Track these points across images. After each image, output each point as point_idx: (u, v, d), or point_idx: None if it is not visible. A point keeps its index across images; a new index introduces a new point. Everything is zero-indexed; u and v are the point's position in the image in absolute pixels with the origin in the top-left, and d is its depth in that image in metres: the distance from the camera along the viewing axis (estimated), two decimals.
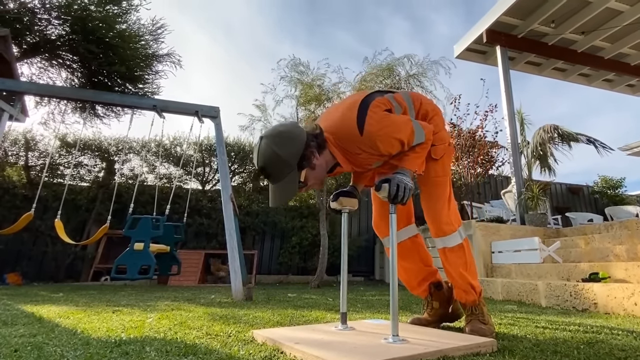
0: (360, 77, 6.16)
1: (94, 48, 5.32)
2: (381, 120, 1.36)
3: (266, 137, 1.30)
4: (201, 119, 4.69)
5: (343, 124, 1.37)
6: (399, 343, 1.20)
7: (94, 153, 7.11)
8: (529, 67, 7.48)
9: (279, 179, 1.29)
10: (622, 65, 7.29)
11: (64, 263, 6.17)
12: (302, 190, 1.38)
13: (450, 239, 1.59)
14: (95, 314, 2.16)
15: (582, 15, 5.92)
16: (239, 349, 1.25)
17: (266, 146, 1.27)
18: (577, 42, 6.70)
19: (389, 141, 1.37)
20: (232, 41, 20.46)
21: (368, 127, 1.33)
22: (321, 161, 1.36)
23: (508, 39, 6.41)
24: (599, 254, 3.48)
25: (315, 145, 1.32)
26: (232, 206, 3.86)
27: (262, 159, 1.28)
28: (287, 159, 1.26)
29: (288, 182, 1.29)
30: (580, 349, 1.28)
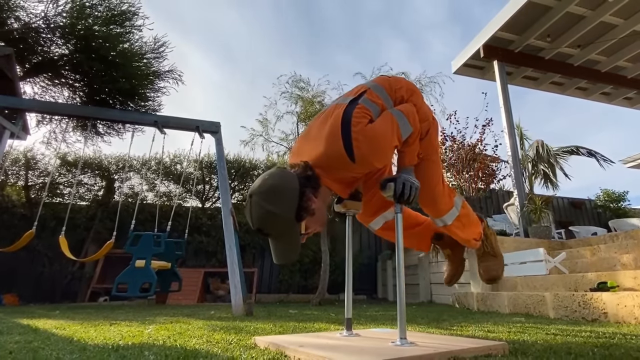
0: None
1: (97, 65, 5.41)
2: (369, 138, 1.23)
3: (257, 194, 1.15)
4: (202, 134, 4.72)
5: (332, 157, 1.23)
6: (407, 346, 1.15)
7: (94, 172, 7.12)
8: (526, 82, 7.58)
9: (279, 237, 1.18)
10: (619, 78, 7.38)
11: (61, 283, 6.06)
12: (305, 239, 1.27)
13: (448, 216, 1.54)
14: (92, 327, 2.10)
15: (578, 29, 6.05)
16: (241, 353, 1.20)
17: (259, 205, 1.13)
18: (574, 56, 6.81)
19: (384, 154, 1.29)
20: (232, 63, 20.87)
21: (358, 151, 1.20)
22: (319, 203, 1.24)
23: (505, 53, 6.52)
24: (605, 263, 3.40)
25: (310, 189, 1.19)
26: (232, 221, 3.82)
27: (258, 220, 1.14)
28: (284, 215, 1.13)
29: (290, 238, 1.18)
30: (594, 351, 1.23)
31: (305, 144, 1.35)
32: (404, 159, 1.42)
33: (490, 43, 6.42)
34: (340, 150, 1.21)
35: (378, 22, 20.20)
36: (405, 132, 1.33)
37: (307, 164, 1.23)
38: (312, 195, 1.19)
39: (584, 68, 7.11)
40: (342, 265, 7.09)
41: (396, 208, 1.35)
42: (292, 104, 6.37)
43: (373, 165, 1.28)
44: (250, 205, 1.16)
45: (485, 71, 7.23)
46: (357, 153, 1.20)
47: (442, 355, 1.03)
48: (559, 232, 6.21)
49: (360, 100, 1.34)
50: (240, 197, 8.05)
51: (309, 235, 1.28)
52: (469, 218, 1.61)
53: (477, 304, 3.61)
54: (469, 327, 2.08)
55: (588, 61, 6.96)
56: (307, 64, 19.50)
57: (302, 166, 1.22)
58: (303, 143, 1.38)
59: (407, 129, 1.33)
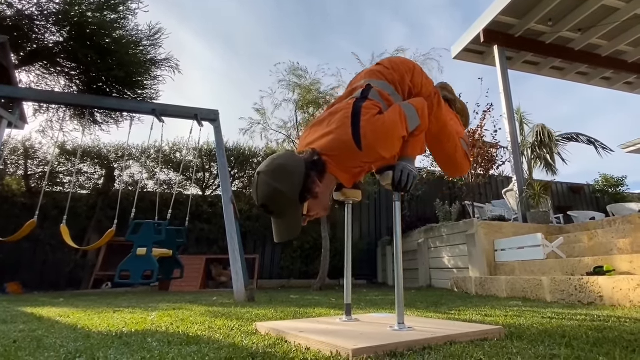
0: None
1: (92, 53, 5.35)
2: (376, 128, 1.27)
3: (264, 172, 1.20)
4: (201, 122, 4.70)
5: (340, 144, 1.28)
6: (406, 330, 1.17)
7: (94, 160, 7.11)
8: (527, 67, 7.50)
9: (282, 215, 1.22)
10: (620, 62, 7.31)
11: (64, 271, 6.13)
12: (306, 222, 1.29)
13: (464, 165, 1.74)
14: (96, 314, 2.13)
15: (579, 12, 5.95)
16: (242, 339, 1.22)
17: (265, 183, 1.19)
18: (574, 40, 6.72)
19: (391, 143, 1.31)
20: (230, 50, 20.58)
21: (365, 140, 1.24)
22: (323, 188, 1.28)
23: (505, 38, 6.43)
24: (602, 248, 3.44)
25: (315, 173, 1.23)
26: (232, 208, 3.84)
27: (263, 196, 1.19)
28: (288, 194, 1.17)
29: (292, 217, 1.21)
30: (588, 334, 1.25)
31: (314, 133, 1.38)
32: (407, 149, 1.43)
33: (490, 27, 6.33)
34: (348, 139, 1.24)
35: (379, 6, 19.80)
36: (413, 124, 1.37)
37: (314, 150, 1.26)
38: (317, 179, 1.23)
39: (585, 52, 7.03)
40: (342, 251, 7.15)
41: (394, 197, 1.35)
42: (289, 92, 6.32)
43: (379, 154, 1.28)
44: (257, 182, 1.20)
45: (486, 56, 7.15)
46: (364, 142, 1.23)
47: (439, 340, 1.05)
48: (558, 217, 6.25)
49: (370, 95, 1.39)
50: (240, 185, 8.06)
51: (310, 219, 1.30)
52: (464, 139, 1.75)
53: (476, 288, 3.66)
54: (466, 311, 2.12)
55: (589, 45, 6.87)
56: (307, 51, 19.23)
57: (310, 152, 1.26)
58: (312, 132, 1.40)
59: (415, 121, 1.37)
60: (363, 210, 7.99)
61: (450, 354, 0.93)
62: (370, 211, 8.16)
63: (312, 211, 1.27)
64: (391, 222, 7.99)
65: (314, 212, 1.28)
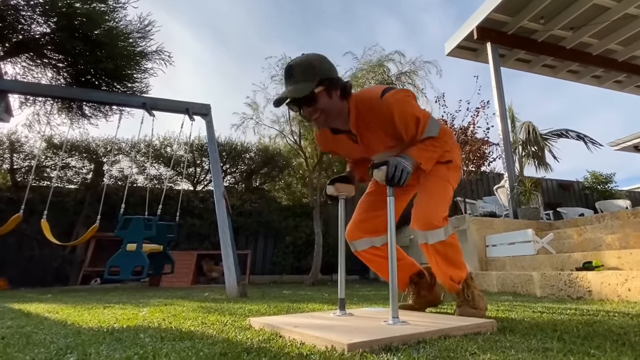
0: (351, 74, 6.15)
1: (80, 45, 5.22)
2: (402, 97, 1.42)
3: (307, 53, 1.40)
4: (192, 116, 4.64)
5: (369, 91, 1.47)
6: (400, 324, 1.17)
7: (82, 154, 6.98)
8: (519, 64, 7.55)
9: (298, 80, 1.33)
10: (610, 61, 7.39)
11: (51, 267, 6.02)
12: (306, 111, 1.38)
13: (433, 234, 1.48)
14: (86, 310, 2.10)
15: (571, 11, 5.99)
16: (236, 334, 1.21)
17: (304, 55, 1.38)
18: (566, 39, 6.78)
19: (405, 112, 1.41)
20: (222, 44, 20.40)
21: (388, 95, 1.39)
22: (337, 101, 1.40)
23: (498, 35, 6.45)
24: (591, 244, 3.49)
25: (342, 85, 1.40)
26: (224, 203, 3.80)
27: (295, 60, 1.37)
28: (314, 67, 1.35)
29: (304, 85, 1.33)
30: (579, 328, 1.27)
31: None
32: (411, 150, 1.43)
33: (483, 25, 6.34)
34: (377, 89, 1.44)
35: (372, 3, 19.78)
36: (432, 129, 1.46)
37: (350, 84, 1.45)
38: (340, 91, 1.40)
39: (576, 51, 7.10)
40: (334, 246, 7.16)
41: (388, 191, 1.35)
42: (282, 87, 6.26)
43: (391, 113, 1.39)
44: (294, 59, 1.38)
45: (479, 53, 7.17)
46: (387, 95, 1.39)
47: (433, 334, 1.05)
48: (547, 213, 6.32)
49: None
50: (232, 180, 8.00)
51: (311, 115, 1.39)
52: (454, 253, 1.55)
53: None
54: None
55: (580, 44, 6.94)
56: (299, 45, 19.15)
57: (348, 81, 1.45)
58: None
59: (434, 128, 1.47)
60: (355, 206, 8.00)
61: (445, 347, 0.93)
62: None
63: (319, 102, 1.36)
64: None
65: (320, 104, 1.37)
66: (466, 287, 1.59)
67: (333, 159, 6.93)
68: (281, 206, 7.57)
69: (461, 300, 1.58)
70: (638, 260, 2.69)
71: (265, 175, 8.00)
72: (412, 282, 1.77)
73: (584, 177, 10.06)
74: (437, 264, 1.56)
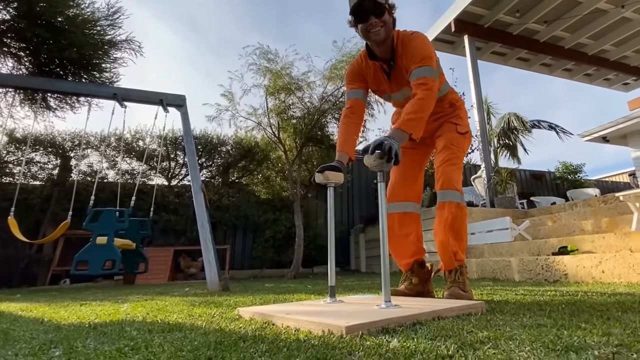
0: (330, 65, 6.09)
1: (42, 33, 4.89)
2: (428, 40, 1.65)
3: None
4: (166, 108, 4.46)
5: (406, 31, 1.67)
6: (393, 308, 1.16)
7: (47, 149, 6.60)
8: (494, 57, 7.71)
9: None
10: (580, 54, 7.67)
11: (18, 267, 5.69)
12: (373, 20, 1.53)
13: (450, 193, 1.65)
14: (61, 307, 1.97)
15: (544, 5, 6.15)
16: (227, 324, 1.15)
17: None
18: (540, 32, 6.96)
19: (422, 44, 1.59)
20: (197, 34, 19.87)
21: (418, 33, 1.64)
22: (392, 25, 1.61)
23: (475, 28, 6.55)
24: (565, 229, 3.60)
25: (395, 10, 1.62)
26: (203, 197, 3.68)
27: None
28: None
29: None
30: (563, 307, 1.29)
31: None
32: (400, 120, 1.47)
33: (461, 17, 6.42)
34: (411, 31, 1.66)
35: None
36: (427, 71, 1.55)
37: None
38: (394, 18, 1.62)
39: (549, 44, 7.31)
40: (315, 239, 7.13)
41: (379, 177, 1.35)
42: (260, 76, 6.12)
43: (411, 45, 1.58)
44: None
45: (456, 46, 7.27)
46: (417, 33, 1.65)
47: (427, 315, 1.05)
48: (522, 202, 6.51)
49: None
50: (208, 174, 7.80)
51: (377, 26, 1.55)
52: (462, 228, 1.66)
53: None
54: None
55: (553, 37, 7.15)
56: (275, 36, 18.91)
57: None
58: None
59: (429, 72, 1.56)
60: (335, 199, 7.99)
61: (441, 327, 0.91)
62: (342, 199, 8.18)
63: (385, 16, 1.55)
64: (364, 211, 8.07)
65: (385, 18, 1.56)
66: (459, 272, 1.63)
67: (312, 151, 6.87)
68: (260, 200, 7.46)
69: (452, 282, 1.62)
70: (610, 243, 2.79)
71: (243, 169, 7.84)
72: (412, 268, 1.81)
73: (555, 168, 10.45)
74: (443, 230, 1.63)
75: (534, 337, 0.78)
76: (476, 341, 0.76)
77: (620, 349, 0.67)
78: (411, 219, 1.82)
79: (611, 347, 0.68)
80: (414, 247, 1.81)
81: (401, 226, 1.80)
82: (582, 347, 0.69)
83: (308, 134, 6.16)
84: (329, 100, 6.16)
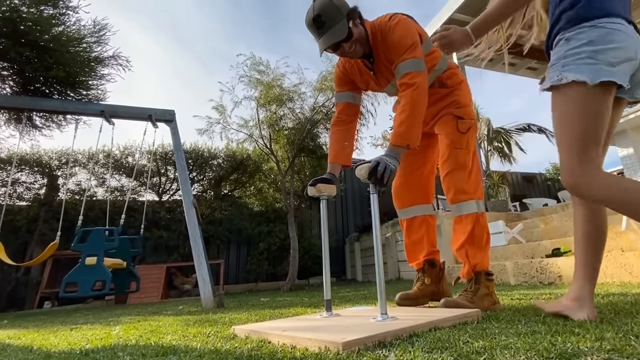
0: (321, 77, 6.14)
1: (27, 51, 4.85)
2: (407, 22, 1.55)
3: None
4: (155, 123, 4.44)
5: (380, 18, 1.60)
6: (389, 320, 1.15)
7: (33, 168, 6.49)
8: (482, 63, 7.81)
9: (330, 25, 1.44)
10: None
11: (4, 290, 5.54)
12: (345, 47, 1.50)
13: (463, 206, 1.55)
14: (51, 333, 1.90)
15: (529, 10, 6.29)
16: (222, 344, 1.12)
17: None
18: (525, 37, 7.09)
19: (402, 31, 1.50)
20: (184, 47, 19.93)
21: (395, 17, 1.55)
22: (361, 28, 1.53)
23: None
24: (558, 231, 3.63)
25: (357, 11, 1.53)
26: (195, 212, 3.63)
27: (318, 7, 1.44)
28: (339, 6, 1.45)
29: (339, 26, 1.45)
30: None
31: None
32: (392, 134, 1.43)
33: (448, 24, 6.52)
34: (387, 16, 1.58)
35: None
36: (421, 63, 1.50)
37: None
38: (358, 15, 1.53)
39: (535, 49, 7.42)
40: (310, 250, 7.08)
41: (372, 189, 1.33)
42: (251, 88, 6.14)
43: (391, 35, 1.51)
44: (313, 3, 1.46)
45: None
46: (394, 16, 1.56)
47: (424, 327, 1.04)
48: (515, 205, 6.57)
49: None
50: (200, 188, 7.73)
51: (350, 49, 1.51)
52: (481, 234, 1.55)
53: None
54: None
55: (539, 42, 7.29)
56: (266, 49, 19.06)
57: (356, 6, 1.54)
58: None
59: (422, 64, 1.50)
60: (330, 208, 7.97)
61: (437, 338, 0.90)
62: (337, 208, 8.16)
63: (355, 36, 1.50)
64: (358, 219, 8.06)
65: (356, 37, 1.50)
66: (475, 280, 1.55)
67: (305, 162, 6.86)
68: (253, 212, 7.40)
69: (464, 290, 1.57)
70: None
71: (235, 182, 7.80)
72: (424, 268, 1.76)
73: (546, 169, 10.61)
74: (460, 240, 1.56)
75: (529, 345, 0.78)
76: (472, 352, 0.76)
77: (612, 354, 0.67)
78: (420, 223, 1.76)
79: (604, 352, 0.68)
80: (424, 248, 1.77)
81: (409, 233, 1.78)
82: (575, 353, 0.69)
83: (300, 144, 6.17)
84: (321, 111, 6.19)
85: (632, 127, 7.37)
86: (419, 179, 1.79)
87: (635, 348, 0.70)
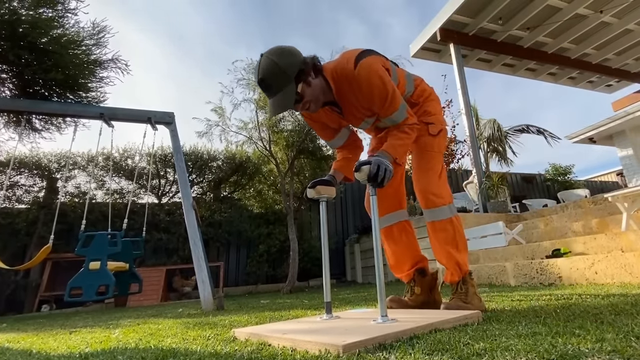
0: None
1: (26, 54, 4.86)
2: (377, 67, 1.42)
3: (268, 52, 1.36)
4: (155, 125, 4.44)
5: (342, 59, 1.45)
6: (390, 322, 1.14)
7: (32, 171, 6.49)
8: (480, 64, 7.86)
9: (277, 89, 1.33)
10: (564, 59, 7.87)
11: (3, 294, 5.52)
12: (298, 107, 1.42)
13: (438, 211, 1.56)
14: (50, 336, 1.90)
15: (526, 12, 6.33)
16: (222, 347, 1.12)
17: (266, 59, 1.33)
18: (523, 38, 7.14)
19: (377, 82, 1.40)
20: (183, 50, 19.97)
21: (362, 64, 1.39)
22: (317, 82, 1.41)
23: (460, 36, 6.69)
24: (558, 232, 3.63)
25: (311, 65, 1.39)
26: (194, 214, 3.63)
27: (262, 70, 1.33)
28: (285, 69, 1.31)
29: (286, 92, 1.33)
30: (557, 312, 1.29)
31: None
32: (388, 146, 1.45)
33: (446, 26, 6.55)
34: (351, 57, 1.42)
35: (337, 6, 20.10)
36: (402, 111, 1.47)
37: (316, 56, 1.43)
38: (312, 70, 1.39)
39: (533, 50, 7.49)
40: (309, 252, 7.07)
41: (371, 190, 1.35)
42: (250, 91, 6.14)
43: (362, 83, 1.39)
44: (260, 61, 1.35)
45: (442, 54, 7.40)
46: (360, 64, 1.39)
47: (424, 329, 1.03)
48: (514, 205, 6.57)
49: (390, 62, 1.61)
50: (199, 190, 7.73)
51: (303, 107, 1.42)
52: (460, 236, 1.59)
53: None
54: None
55: (536, 43, 7.33)
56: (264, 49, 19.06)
57: (312, 56, 1.42)
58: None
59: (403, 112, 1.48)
60: (329, 209, 7.96)
61: (438, 340, 0.90)
62: (336, 210, 8.15)
63: (305, 95, 1.39)
64: (358, 221, 8.05)
65: (307, 97, 1.39)
66: (462, 281, 1.59)
67: (304, 163, 6.87)
68: (253, 214, 7.39)
69: (453, 293, 1.59)
70: (602, 244, 2.81)
71: (235, 184, 7.79)
72: (413, 278, 1.75)
73: (545, 170, 10.60)
74: (443, 247, 1.57)
75: (529, 346, 0.77)
76: (473, 354, 0.75)
77: (613, 355, 0.67)
78: (399, 232, 1.74)
79: (604, 354, 0.68)
80: (409, 258, 1.75)
81: (389, 243, 1.75)
82: (576, 355, 0.69)
83: (300, 146, 6.17)
84: None
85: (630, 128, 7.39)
86: (391, 187, 1.75)
87: (636, 349, 0.70)
